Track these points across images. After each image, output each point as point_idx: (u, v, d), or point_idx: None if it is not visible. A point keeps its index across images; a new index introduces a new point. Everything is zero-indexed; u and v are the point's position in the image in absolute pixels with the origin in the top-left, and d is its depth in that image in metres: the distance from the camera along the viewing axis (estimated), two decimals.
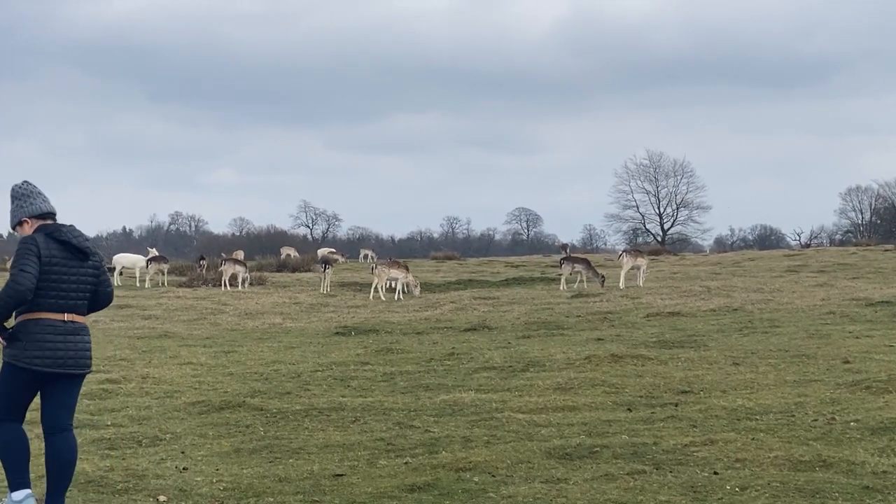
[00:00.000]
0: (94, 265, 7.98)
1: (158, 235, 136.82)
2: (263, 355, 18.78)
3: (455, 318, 26.34)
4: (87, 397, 14.08)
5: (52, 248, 7.69)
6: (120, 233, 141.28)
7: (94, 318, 25.86)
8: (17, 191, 7.96)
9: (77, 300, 7.88)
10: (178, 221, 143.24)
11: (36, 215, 7.89)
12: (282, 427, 11.96)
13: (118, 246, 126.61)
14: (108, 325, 25.28)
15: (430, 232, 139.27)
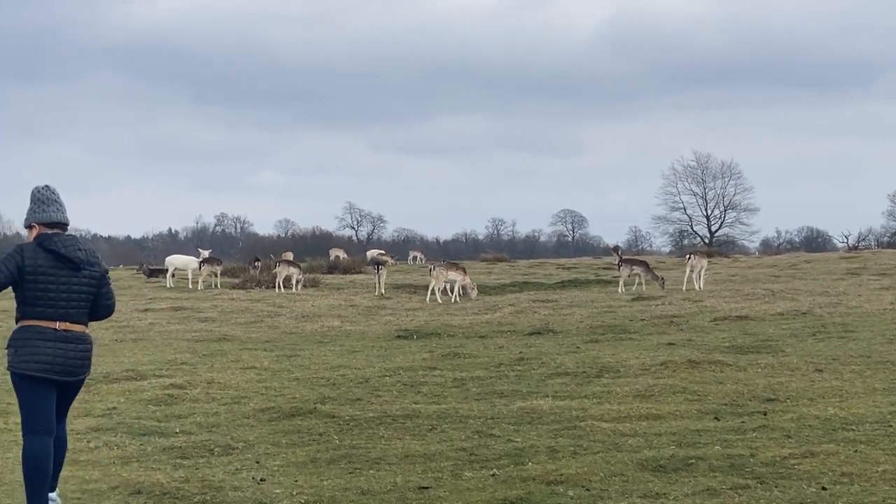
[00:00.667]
0: (90, 275, 8.10)
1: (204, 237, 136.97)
2: (327, 359, 18.39)
3: (516, 321, 25.89)
4: (152, 403, 13.80)
5: (40, 257, 7.89)
6: (166, 234, 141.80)
7: (151, 321, 25.68)
8: (36, 194, 8.17)
9: (70, 309, 8.00)
10: (224, 223, 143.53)
11: (44, 223, 8.07)
12: (356, 435, 11.56)
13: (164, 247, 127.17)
14: (166, 327, 24.97)
15: (475, 234, 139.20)
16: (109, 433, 11.85)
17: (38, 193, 8.17)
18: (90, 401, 14.10)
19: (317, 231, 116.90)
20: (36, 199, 8.15)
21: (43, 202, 8.13)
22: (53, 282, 7.90)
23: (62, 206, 8.20)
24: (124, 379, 15.83)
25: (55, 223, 8.10)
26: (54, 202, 8.15)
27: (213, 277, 39.43)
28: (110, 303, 8.42)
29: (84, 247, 8.14)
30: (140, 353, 19.57)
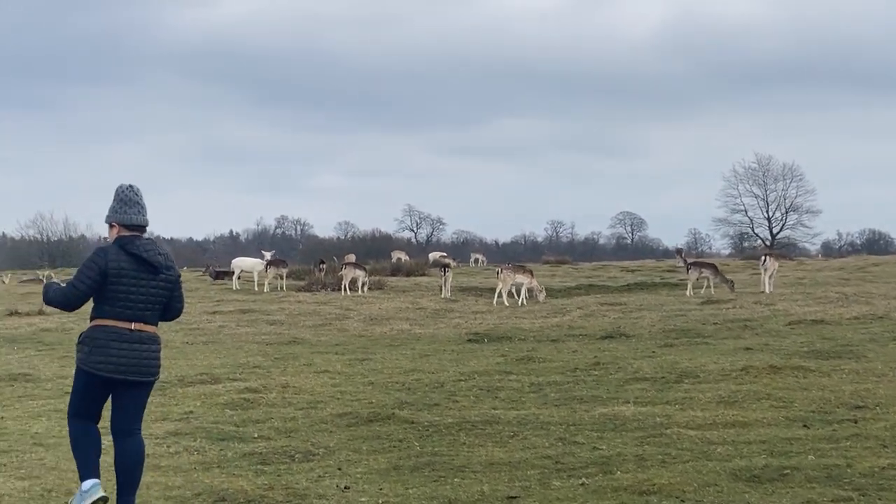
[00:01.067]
0: (166, 279, 8.19)
1: (265, 239, 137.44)
2: (399, 363, 18.23)
3: (587, 324, 25.62)
4: (228, 407, 13.70)
5: (123, 259, 7.98)
6: (227, 236, 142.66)
7: (220, 324, 25.64)
8: (120, 193, 8.22)
9: (146, 311, 8.10)
10: (284, 225, 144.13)
11: (124, 224, 8.15)
12: (437, 442, 11.37)
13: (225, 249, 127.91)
14: (235, 330, 24.94)
15: (534, 236, 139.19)
16: (188, 438, 11.75)
17: (121, 193, 8.22)
18: (167, 404, 14.04)
19: (376, 233, 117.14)
20: (119, 198, 8.20)
21: (125, 203, 8.18)
22: (134, 284, 8.00)
23: (143, 208, 8.25)
24: (199, 382, 15.76)
25: (134, 226, 8.17)
26: (136, 204, 8.20)
27: (278, 280, 39.42)
28: (181, 305, 8.52)
29: (162, 251, 8.23)
30: (212, 356, 19.52)
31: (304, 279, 41.54)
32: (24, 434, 11.98)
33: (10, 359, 19.25)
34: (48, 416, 13.05)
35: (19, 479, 9.78)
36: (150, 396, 14.28)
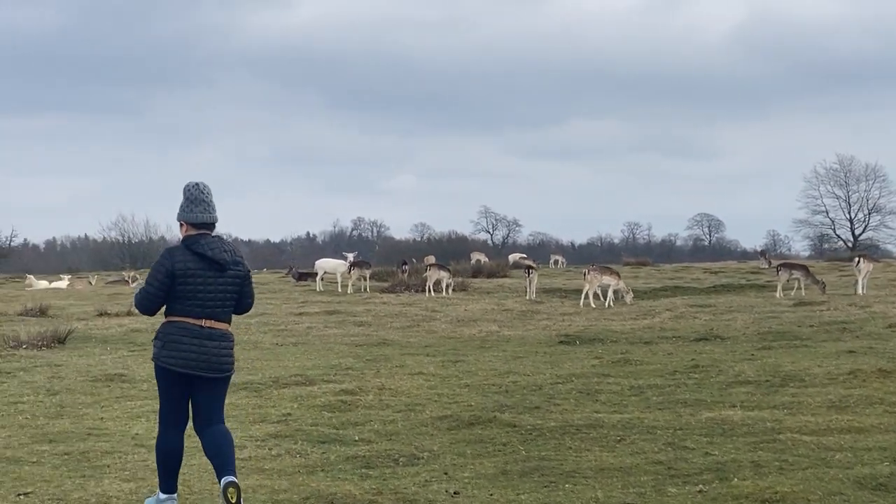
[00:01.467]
0: (234, 275, 8.27)
1: (341, 241, 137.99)
2: (493, 365, 17.99)
3: (678, 326, 25.22)
4: (326, 410, 13.54)
5: (189, 259, 8.10)
6: (304, 238, 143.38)
7: (308, 325, 25.56)
8: (188, 192, 8.29)
9: (216, 308, 8.19)
10: (361, 227, 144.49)
11: (191, 222, 8.24)
12: (542, 446, 11.12)
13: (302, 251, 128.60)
14: (323, 331, 24.82)
15: (611, 237, 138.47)
16: (289, 440, 11.60)
17: (188, 191, 8.29)
18: (263, 406, 13.91)
19: (453, 235, 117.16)
20: (186, 196, 8.28)
21: (192, 201, 8.26)
22: (202, 282, 8.10)
23: (210, 205, 8.30)
24: (293, 384, 15.63)
25: (202, 224, 8.25)
26: (203, 202, 8.27)
27: (362, 281, 39.32)
28: (251, 301, 8.60)
29: (229, 248, 8.30)
30: (303, 358, 19.40)
31: (388, 280, 41.44)
32: (124, 435, 11.91)
33: (104, 359, 19.26)
34: (147, 418, 12.97)
35: (125, 480, 9.68)
36: (247, 398, 14.30)
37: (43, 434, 12.00)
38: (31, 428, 12.44)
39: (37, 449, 11.16)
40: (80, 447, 11.23)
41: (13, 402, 14.33)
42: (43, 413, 13.53)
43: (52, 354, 19.94)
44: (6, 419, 13.06)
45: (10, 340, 21.46)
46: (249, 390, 15.24)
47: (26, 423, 12.73)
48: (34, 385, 15.96)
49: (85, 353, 20.18)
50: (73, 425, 12.60)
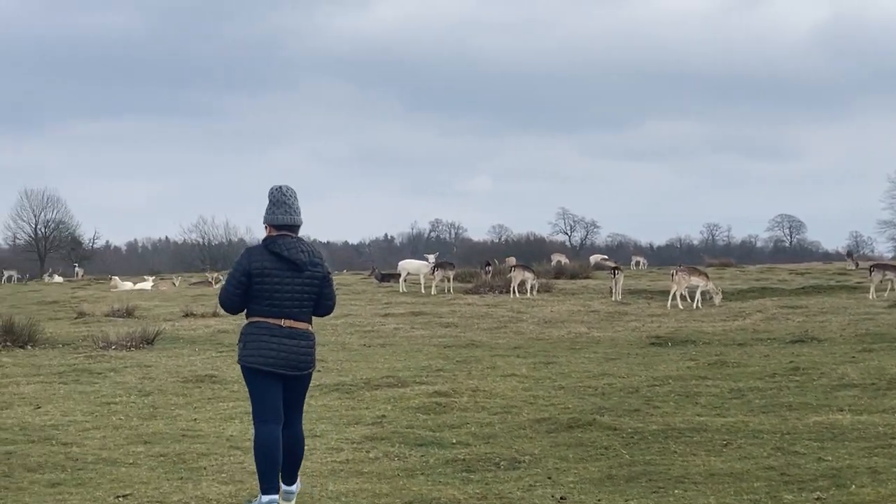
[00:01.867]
0: (312, 275, 8.33)
1: (419, 242, 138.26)
2: (586, 367, 17.68)
3: (771, 328, 24.73)
4: (421, 412, 13.33)
5: (266, 259, 8.23)
6: (382, 240, 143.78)
7: (395, 326, 25.40)
8: (271, 195, 8.41)
9: (293, 307, 8.29)
10: (438, 228, 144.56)
11: (273, 224, 8.34)
12: (645, 450, 10.81)
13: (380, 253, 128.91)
14: (410, 332, 24.64)
15: (690, 239, 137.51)
16: (385, 443, 11.40)
17: (272, 194, 8.41)
18: (356, 408, 13.74)
19: (531, 236, 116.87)
20: (270, 199, 8.41)
21: (275, 204, 8.37)
22: (279, 282, 8.22)
23: (292, 207, 8.39)
24: (385, 385, 15.43)
25: (283, 226, 8.35)
26: (284, 204, 8.36)
27: (445, 282, 39.09)
28: (331, 302, 8.63)
29: (307, 249, 8.37)
30: (392, 359, 19.22)
31: (471, 282, 41.17)
32: (219, 437, 11.77)
33: (193, 360, 19.21)
34: (240, 419, 12.84)
35: (223, 483, 9.53)
36: (340, 400, 14.12)
37: (137, 435, 11.91)
38: (126, 429, 12.35)
39: (132, 450, 11.06)
40: (175, 449, 11.12)
41: (106, 403, 14.28)
42: (136, 414, 13.45)
43: (142, 355, 19.94)
44: (100, 420, 12.99)
45: (99, 341, 21.53)
46: (341, 392, 15.07)
47: (120, 424, 12.65)
48: (126, 386, 15.93)
49: (174, 354, 20.16)
50: (167, 426, 12.50)
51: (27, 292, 47.33)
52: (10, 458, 10.54)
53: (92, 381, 16.54)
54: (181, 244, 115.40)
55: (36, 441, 11.54)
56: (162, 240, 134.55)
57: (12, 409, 13.89)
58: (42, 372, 17.68)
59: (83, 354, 20.12)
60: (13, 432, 12.06)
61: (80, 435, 11.96)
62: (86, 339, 22.79)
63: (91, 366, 18.22)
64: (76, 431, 12.18)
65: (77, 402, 14.39)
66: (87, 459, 10.55)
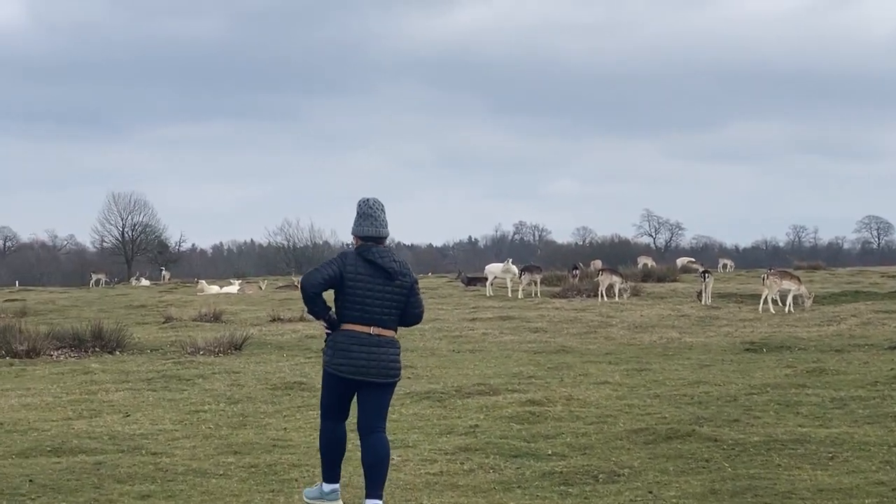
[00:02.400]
0: (401, 285, 8.51)
1: (503, 245, 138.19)
2: (680, 374, 17.29)
3: (868, 333, 24.10)
4: (514, 421, 13.04)
5: (360, 265, 8.42)
6: (465, 242, 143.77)
7: (483, 331, 25.16)
8: (359, 207, 8.66)
9: (382, 315, 8.45)
10: (522, 231, 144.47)
11: (360, 236, 8.58)
12: (748, 463, 10.46)
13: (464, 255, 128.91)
14: (499, 338, 24.32)
15: (775, 241, 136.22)
16: (479, 454, 11.12)
17: (360, 206, 8.66)
18: (448, 417, 13.49)
19: (615, 238, 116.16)
20: (358, 211, 8.65)
21: (361, 216, 8.62)
22: (370, 289, 8.40)
23: (378, 220, 8.61)
24: (477, 393, 15.16)
25: (369, 237, 8.56)
26: (371, 217, 8.59)
27: (532, 286, 38.75)
28: (418, 311, 8.78)
29: (398, 258, 8.58)
30: (483, 365, 18.96)
31: (558, 285, 40.82)
32: (309, 447, 11.54)
33: (281, 366, 19.08)
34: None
35: None
36: (431, 408, 13.89)
37: (227, 445, 11.75)
38: (216, 438, 12.21)
39: (223, 461, 10.90)
40: (266, 459, 10.95)
41: (195, 411, 14.17)
42: (226, 423, 13.31)
43: (230, 361, 19.85)
44: (190, 428, 12.87)
45: (187, 347, 21.50)
46: (432, 399, 14.83)
47: (210, 434, 12.51)
48: (214, 393, 15.81)
49: (262, 360, 20.06)
50: (257, 436, 12.34)
51: (115, 296, 47.70)
52: (100, 469, 10.43)
53: (180, 388, 16.46)
54: (266, 247, 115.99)
55: (125, 451, 11.43)
56: (247, 243, 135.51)
57: (101, 417, 13.84)
58: (130, 378, 17.65)
59: (171, 360, 20.09)
60: (102, 441, 11.97)
61: (169, 444, 11.84)
62: (174, 345, 22.80)
63: (179, 372, 18.16)
64: (165, 441, 12.07)
65: (166, 410, 14.30)
66: (177, 470, 10.41)
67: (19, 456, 11.26)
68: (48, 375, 18.29)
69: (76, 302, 43.19)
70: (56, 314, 36.20)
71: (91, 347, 21.66)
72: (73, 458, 11.01)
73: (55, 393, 16.04)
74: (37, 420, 13.58)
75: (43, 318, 34.18)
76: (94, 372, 18.56)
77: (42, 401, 15.20)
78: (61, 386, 16.86)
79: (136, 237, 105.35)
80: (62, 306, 40.36)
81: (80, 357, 21.09)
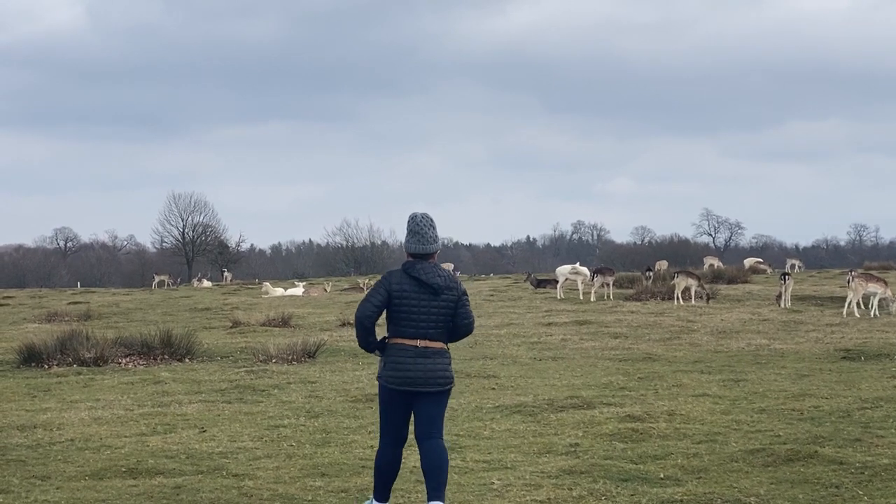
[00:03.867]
0: (448, 298, 8.65)
1: (561, 245, 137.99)
2: (780, 385, 16.33)
3: None
4: (616, 439, 12.15)
5: (405, 282, 8.60)
6: (524, 242, 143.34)
7: (562, 337, 24.29)
8: (408, 224, 8.80)
9: (429, 328, 8.61)
10: (581, 230, 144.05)
11: (409, 252, 8.74)
12: (884, 490, 9.61)
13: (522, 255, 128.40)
14: (579, 344, 23.40)
15: (836, 240, 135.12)
16: (586, 477, 10.25)
17: (409, 223, 8.80)
18: (544, 434, 12.62)
19: (675, 238, 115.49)
20: (407, 228, 8.81)
21: (411, 232, 8.77)
22: (416, 304, 8.57)
23: (425, 237, 8.72)
24: (570, 407, 14.29)
25: (416, 254, 8.71)
26: (418, 234, 8.72)
27: (605, 288, 37.77)
28: (468, 321, 8.88)
29: (443, 273, 8.72)
30: (569, 375, 18.08)
31: (630, 287, 39.83)
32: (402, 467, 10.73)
33: (358, 375, 18.28)
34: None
35: None
36: (524, 424, 13.04)
37: (313, 465, 10.98)
38: (300, 458, 11.43)
39: (310, 484, 10.15)
40: (356, 483, 10.20)
41: (275, 426, 13.38)
42: (308, 440, 12.51)
43: (304, 370, 19.10)
44: (271, 446, 12.09)
45: (259, 354, 20.79)
46: (524, 414, 13.98)
47: (293, 452, 11.72)
48: (293, 406, 15.04)
49: (337, 369, 19.27)
50: (343, 455, 11.56)
51: (178, 298, 47.18)
52: (180, 494, 9.71)
53: (256, 399, 15.72)
54: (325, 247, 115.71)
55: (205, 472, 10.69)
56: (306, 243, 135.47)
57: (177, 432, 13.10)
58: (203, 389, 16.95)
59: (244, 369, 19.37)
60: (180, 461, 11.23)
61: (251, 465, 11.07)
62: (244, 352, 22.10)
63: (253, 382, 17.42)
64: (246, 460, 11.30)
65: (244, 425, 13.53)
66: (262, 496, 9.65)
67: (93, 477, 10.55)
68: (118, 385, 17.63)
69: (140, 304, 42.71)
70: (120, 317, 35.71)
71: (160, 355, 21.00)
72: (151, 482, 10.28)
73: (126, 405, 15.36)
74: (109, 436, 12.88)
75: (108, 321, 33.74)
76: (165, 381, 17.89)
77: (113, 414, 14.50)
78: (132, 397, 16.18)
79: (197, 238, 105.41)
80: (126, 309, 39.87)
81: (149, 365, 20.43)
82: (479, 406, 14.67)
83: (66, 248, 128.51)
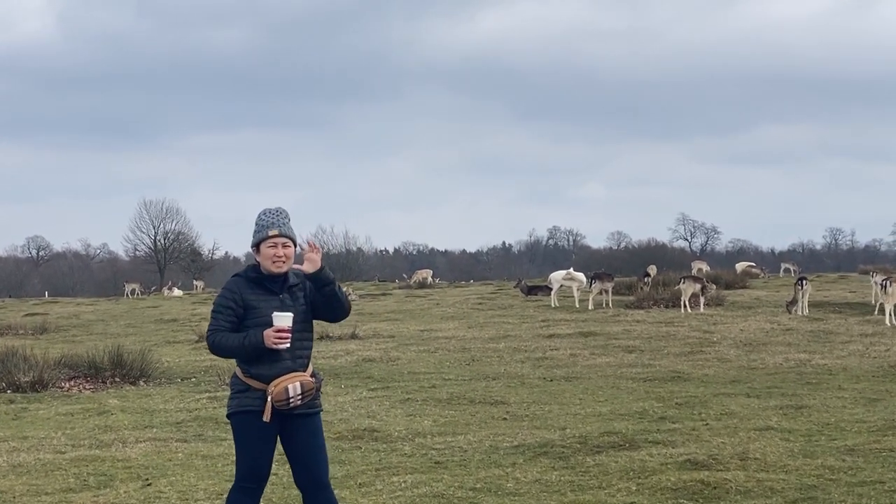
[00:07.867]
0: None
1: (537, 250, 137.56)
2: (851, 412, 13.53)
3: None
4: (684, 496, 9.43)
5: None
6: (500, 248, 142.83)
7: (570, 351, 21.57)
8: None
9: None
10: (556, 236, 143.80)
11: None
12: None
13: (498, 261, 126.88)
14: (591, 360, 20.47)
15: (812, 244, 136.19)
16: None
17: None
18: (585, 486, 9.77)
19: (652, 242, 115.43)
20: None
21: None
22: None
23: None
24: (609, 447, 11.38)
25: None
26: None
27: (603, 295, 34.92)
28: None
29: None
30: (591, 400, 15.20)
31: (629, 294, 37.04)
32: None
33: (342, 403, 15.34)
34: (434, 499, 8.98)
35: None
36: (556, 471, 10.16)
37: None
38: None
39: None
40: None
41: None
42: (282, 498, 9.64)
43: None
44: None
45: (224, 375, 17.83)
46: (552, 457, 11.08)
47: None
48: None
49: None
50: None
51: (144, 309, 44.26)
52: None
53: (218, 436, 12.81)
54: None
55: None
56: None
57: (113, 486, 10.21)
58: (155, 422, 14.09)
59: (206, 395, 16.41)
60: None
61: None
62: (208, 372, 19.22)
63: (216, 412, 14.33)
64: None
65: (199, 475, 10.62)
66: None
67: None
68: (53, 417, 14.75)
69: (103, 316, 39.82)
70: (80, 329, 32.91)
71: (110, 377, 18.12)
72: None
73: (58, 445, 12.45)
74: (26, 492, 10.03)
75: (64, 334, 31.00)
76: (112, 411, 15.01)
77: (38, 459, 11.56)
78: (68, 433, 13.31)
79: (169, 245, 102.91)
80: (87, 321, 37.01)
81: (97, 389, 17.56)
82: (493, 445, 11.79)
83: (39, 256, 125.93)
